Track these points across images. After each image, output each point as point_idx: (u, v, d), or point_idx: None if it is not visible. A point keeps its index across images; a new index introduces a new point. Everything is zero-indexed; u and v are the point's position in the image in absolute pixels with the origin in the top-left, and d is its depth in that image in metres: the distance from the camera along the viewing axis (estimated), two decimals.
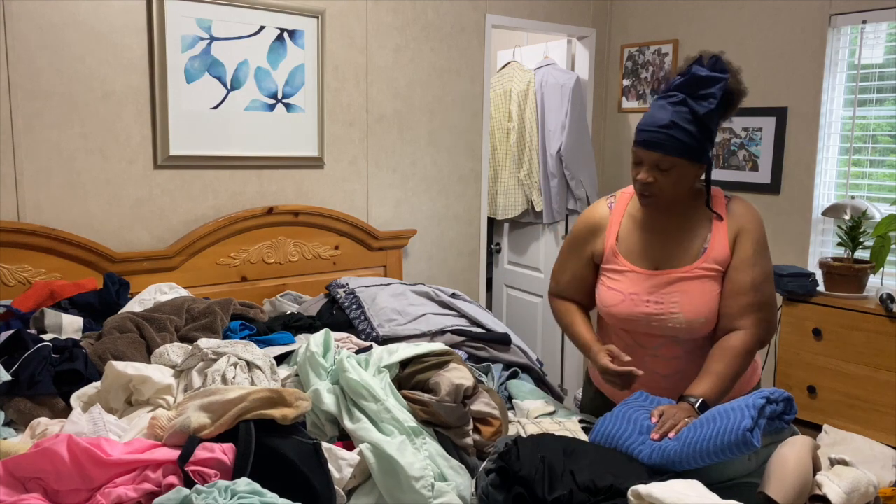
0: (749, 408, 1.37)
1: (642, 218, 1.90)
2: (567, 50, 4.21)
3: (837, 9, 3.23)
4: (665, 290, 1.82)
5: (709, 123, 1.74)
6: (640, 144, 1.77)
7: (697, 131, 1.73)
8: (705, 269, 1.81)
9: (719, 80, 1.73)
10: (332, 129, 3.22)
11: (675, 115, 1.72)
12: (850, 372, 2.90)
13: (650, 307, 1.82)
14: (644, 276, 1.85)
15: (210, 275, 2.90)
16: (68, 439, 1.31)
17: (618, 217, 1.94)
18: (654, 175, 1.77)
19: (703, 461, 1.38)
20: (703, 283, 1.80)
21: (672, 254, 1.85)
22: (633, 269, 1.87)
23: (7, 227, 2.47)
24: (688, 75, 1.75)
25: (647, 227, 1.89)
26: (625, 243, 1.90)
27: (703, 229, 1.84)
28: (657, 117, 1.75)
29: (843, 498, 1.33)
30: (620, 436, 1.53)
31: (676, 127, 1.72)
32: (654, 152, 1.75)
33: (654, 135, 1.74)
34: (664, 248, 1.86)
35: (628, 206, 1.95)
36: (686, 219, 1.87)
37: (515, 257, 4.55)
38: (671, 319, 1.80)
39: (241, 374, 1.78)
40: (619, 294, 1.87)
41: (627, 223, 1.92)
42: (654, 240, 1.88)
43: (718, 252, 1.81)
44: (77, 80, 2.59)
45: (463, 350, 2.37)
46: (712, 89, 1.73)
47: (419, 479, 1.48)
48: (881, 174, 3.25)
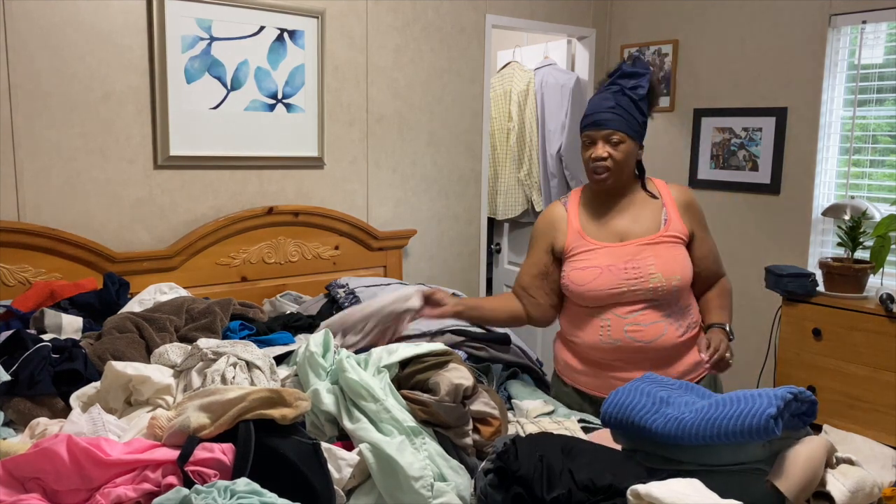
0: (776, 398, 1.37)
1: (597, 205, 2.16)
2: (567, 50, 4.21)
3: (837, 9, 3.23)
4: (639, 256, 2.05)
5: (642, 108, 2.08)
6: (592, 126, 2.06)
7: (636, 113, 2.06)
8: (670, 237, 2.08)
9: (644, 73, 2.10)
10: (332, 129, 3.22)
11: (616, 99, 2.05)
12: (850, 372, 2.90)
13: (629, 272, 2.03)
14: (615, 248, 2.08)
15: (210, 275, 2.90)
16: (68, 439, 1.31)
17: (574, 209, 2.19)
18: (608, 150, 2.04)
19: (719, 439, 1.37)
20: (670, 247, 2.07)
21: (633, 227, 2.10)
22: (603, 245, 2.09)
23: (7, 227, 2.47)
24: (619, 72, 2.10)
25: (603, 210, 2.15)
26: (587, 227, 2.14)
27: (654, 204, 2.13)
28: (602, 104, 2.06)
29: (847, 497, 1.33)
30: (633, 406, 1.51)
31: (620, 107, 2.04)
32: (604, 129, 2.04)
33: (603, 115, 2.05)
34: (625, 223, 2.11)
35: (580, 199, 2.21)
36: (633, 199, 2.15)
37: (515, 257, 4.55)
38: (651, 279, 2.02)
39: (241, 374, 1.78)
40: (596, 269, 2.06)
41: (584, 212, 2.18)
42: (613, 219, 2.13)
43: (676, 223, 2.10)
44: (77, 80, 2.60)
45: (462, 350, 2.37)
46: (641, 80, 2.08)
47: (419, 479, 1.48)
48: (881, 174, 3.25)
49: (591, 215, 2.15)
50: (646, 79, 2.08)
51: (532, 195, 4.11)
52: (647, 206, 2.13)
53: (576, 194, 2.23)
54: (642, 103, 2.07)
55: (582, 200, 2.20)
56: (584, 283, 2.06)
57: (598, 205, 2.16)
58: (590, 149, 2.08)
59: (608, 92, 2.08)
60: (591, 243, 2.10)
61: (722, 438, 1.37)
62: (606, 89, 2.09)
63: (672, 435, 1.42)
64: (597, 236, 2.11)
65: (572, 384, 2.22)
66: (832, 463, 1.42)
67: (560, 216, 2.19)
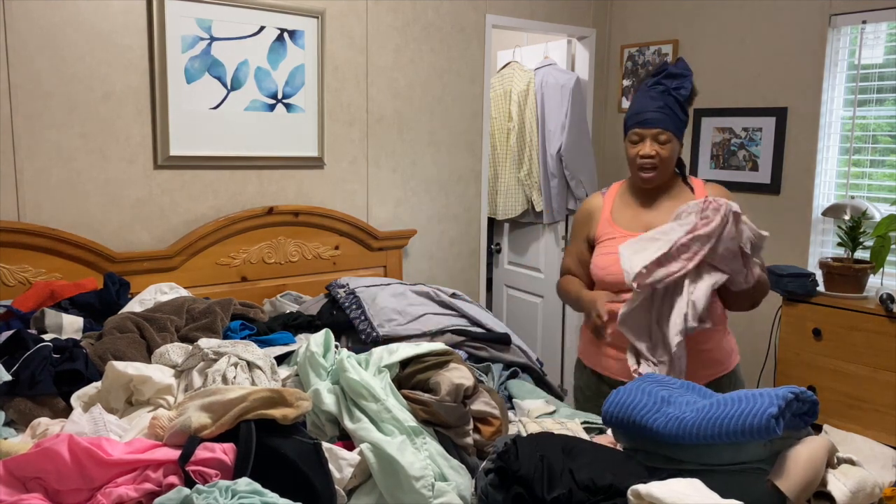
0: (777, 397, 1.37)
1: (633, 197, 2.23)
2: (567, 50, 4.22)
3: (837, 9, 3.23)
4: None
5: (685, 107, 2.14)
6: (641, 124, 2.12)
7: (680, 113, 2.13)
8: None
9: (688, 74, 2.16)
10: (332, 129, 3.22)
11: (663, 99, 2.11)
12: (850, 372, 2.91)
13: None
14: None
15: (210, 275, 2.90)
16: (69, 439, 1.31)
17: (610, 199, 2.26)
18: (655, 148, 2.10)
19: (720, 438, 1.37)
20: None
21: (660, 220, 2.11)
22: (628, 234, 2.13)
23: (7, 227, 2.47)
24: (664, 72, 2.15)
25: (637, 202, 2.21)
26: (618, 216, 2.21)
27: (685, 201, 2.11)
28: (650, 102, 2.12)
29: (848, 497, 1.33)
30: (635, 406, 1.51)
31: (667, 107, 2.11)
32: (653, 128, 2.10)
33: (653, 114, 2.10)
34: (653, 216, 2.16)
35: (619, 190, 2.28)
36: (669, 194, 2.19)
37: (515, 257, 4.55)
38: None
39: (242, 374, 1.78)
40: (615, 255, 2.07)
41: (619, 201, 2.25)
42: (646, 211, 2.19)
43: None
44: (77, 80, 2.60)
45: (463, 350, 2.37)
46: (684, 81, 2.14)
47: (419, 478, 1.48)
48: (881, 174, 3.25)
49: (624, 206, 2.23)
50: (689, 80, 2.15)
51: (532, 195, 4.11)
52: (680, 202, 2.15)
53: (616, 186, 2.31)
54: (685, 103, 2.14)
55: (620, 191, 2.28)
56: (605, 267, 2.14)
57: (634, 197, 2.23)
58: (637, 146, 2.14)
59: (654, 91, 2.13)
60: (617, 231, 2.17)
61: (723, 438, 1.37)
62: (651, 88, 2.14)
63: (673, 434, 1.42)
64: (625, 226, 2.18)
65: (591, 367, 2.26)
66: (833, 463, 1.42)
67: (597, 206, 2.28)
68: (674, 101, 2.11)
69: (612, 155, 4.27)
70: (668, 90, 2.12)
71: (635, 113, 2.15)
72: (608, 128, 4.28)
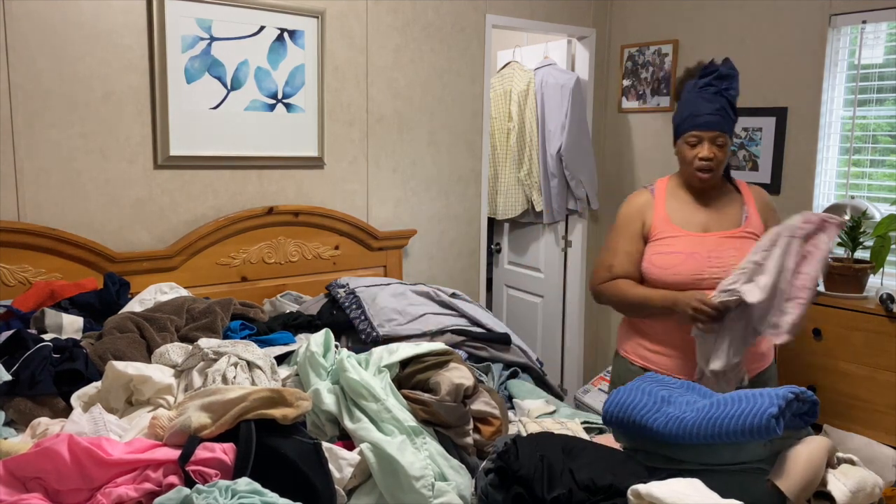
0: (777, 397, 1.38)
1: (683, 195, 2.28)
2: (567, 50, 4.22)
3: (837, 9, 3.23)
4: (721, 247, 2.16)
5: (735, 108, 2.20)
6: (702, 127, 2.16)
7: (732, 113, 2.19)
8: (749, 233, 2.19)
9: (737, 75, 2.21)
10: (332, 129, 3.22)
11: (718, 101, 2.15)
12: (850, 372, 2.90)
13: (711, 262, 2.14)
14: (698, 238, 2.19)
15: (210, 275, 2.90)
16: (69, 439, 1.31)
17: (661, 196, 2.30)
18: (714, 151, 2.16)
19: (720, 438, 1.37)
20: (749, 242, 2.16)
21: (717, 220, 2.22)
22: (688, 234, 2.19)
23: (7, 227, 2.47)
24: (714, 73, 2.18)
25: (688, 201, 2.27)
26: (673, 214, 2.25)
27: (737, 202, 2.26)
28: (707, 105, 2.16)
29: (848, 497, 1.33)
30: (635, 406, 1.52)
31: (723, 110, 2.15)
32: (713, 131, 2.15)
33: (711, 117, 2.15)
34: (710, 215, 2.23)
35: (668, 187, 2.32)
36: (718, 194, 2.27)
37: (515, 257, 4.55)
38: (731, 269, 2.08)
39: (242, 373, 1.79)
40: (680, 255, 2.17)
41: (671, 200, 2.28)
42: (700, 210, 2.24)
43: (755, 221, 2.23)
44: (77, 80, 2.60)
45: (463, 350, 2.37)
46: (734, 82, 2.20)
47: (419, 478, 1.48)
48: (881, 174, 3.25)
49: (677, 204, 2.26)
50: (737, 80, 2.21)
51: (532, 195, 4.11)
52: (730, 202, 2.26)
53: (662, 183, 2.34)
54: (735, 103, 2.20)
55: (670, 188, 2.31)
56: (669, 266, 2.17)
57: (684, 195, 2.28)
58: (695, 148, 2.18)
59: (708, 93, 2.16)
60: (675, 230, 2.21)
61: (723, 438, 1.37)
62: (704, 90, 2.17)
63: (673, 434, 1.43)
64: (682, 224, 2.22)
65: (643, 363, 2.27)
66: (833, 463, 1.42)
67: (647, 201, 2.30)
68: (726, 102, 2.16)
69: (613, 155, 4.26)
70: (720, 91, 2.16)
71: (692, 115, 2.17)
72: (608, 128, 4.28)
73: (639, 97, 4.08)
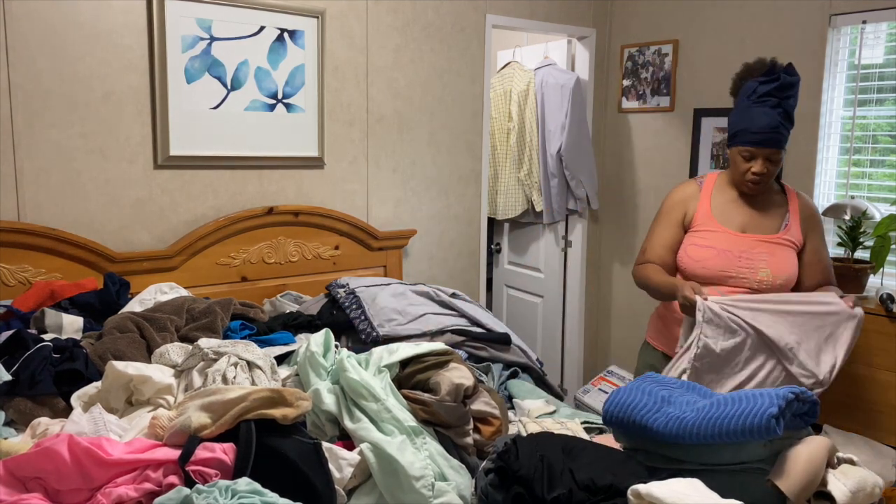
0: (778, 397, 1.38)
1: (730, 193, 2.33)
2: (567, 50, 4.22)
3: (837, 9, 3.23)
4: (754, 249, 2.22)
5: (793, 118, 2.22)
6: (758, 144, 2.18)
7: (790, 126, 2.21)
8: (786, 240, 2.26)
9: (798, 80, 2.22)
10: (332, 129, 3.22)
11: (777, 116, 2.16)
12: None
13: (741, 262, 2.21)
14: (734, 237, 2.25)
15: (210, 275, 2.90)
16: (69, 439, 1.31)
17: (708, 190, 2.35)
18: (767, 166, 2.20)
19: (720, 438, 1.38)
20: (784, 249, 2.24)
21: (757, 223, 2.28)
22: (726, 231, 2.26)
23: (7, 227, 2.47)
24: (777, 83, 2.17)
25: (734, 199, 2.32)
26: (716, 210, 2.31)
27: (781, 208, 2.31)
28: (764, 121, 2.16)
29: (848, 497, 1.33)
30: (635, 405, 1.52)
31: (781, 126, 2.17)
32: (769, 149, 2.19)
33: (769, 135, 2.17)
34: (751, 217, 2.29)
35: (717, 182, 2.37)
36: (764, 197, 2.31)
37: (515, 257, 4.55)
38: (759, 272, 2.19)
39: (242, 373, 1.79)
40: (712, 250, 2.24)
41: (717, 195, 2.34)
42: (742, 210, 2.30)
43: (794, 230, 2.28)
44: (77, 80, 2.60)
45: (463, 350, 2.37)
46: (795, 90, 2.21)
47: (419, 478, 1.48)
48: (881, 174, 3.25)
49: (721, 200, 2.32)
50: (798, 87, 2.21)
51: (532, 195, 4.11)
52: (773, 208, 2.31)
53: (712, 177, 2.39)
54: (793, 113, 2.21)
55: (718, 184, 2.36)
56: (700, 259, 2.25)
57: (730, 193, 2.33)
58: (749, 163, 2.22)
59: (767, 106, 2.16)
60: (715, 225, 2.28)
61: (723, 438, 1.37)
62: (764, 101, 2.17)
63: (673, 434, 1.43)
64: (722, 221, 2.28)
65: (663, 350, 2.39)
66: (833, 463, 1.42)
67: (693, 193, 2.37)
68: (785, 114, 2.17)
69: (613, 155, 4.27)
70: (780, 102, 2.16)
71: (748, 130, 2.18)
72: (608, 128, 4.28)
73: (639, 97, 4.08)
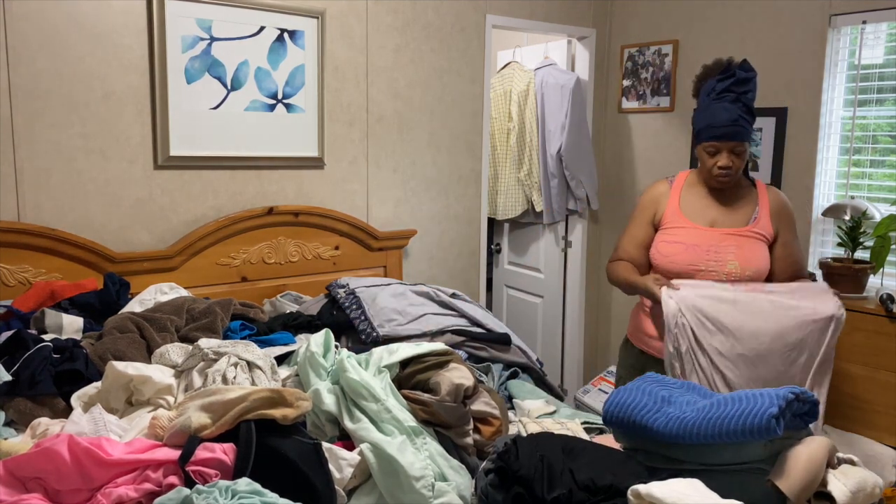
0: (778, 398, 1.38)
1: (699, 190, 2.37)
2: (567, 50, 4.22)
3: (837, 9, 3.23)
4: (722, 243, 2.26)
5: (753, 111, 2.26)
6: (720, 138, 2.23)
7: (751, 118, 2.25)
8: (755, 233, 2.28)
9: (755, 75, 2.26)
10: (332, 129, 3.22)
11: (736, 110, 2.21)
12: (850, 372, 2.90)
13: (709, 255, 2.25)
14: (702, 231, 2.28)
15: (210, 275, 2.90)
16: (69, 439, 1.31)
17: (678, 188, 2.40)
18: (732, 159, 2.24)
19: (721, 438, 1.38)
20: (753, 241, 2.27)
21: (726, 217, 2.31)
22: (694, 226, 2.30)
23: (7, 227, 2.47)
24: (733, 78, 2.23)
25: (703, 195, 2.36)
26: (685, 207, 2.35)
27: (750, 202, 2.33)
28: (725, 115, 2.21)
29: (849, 497, 1.33)
30: (635, 406, 1.52)
31: (741, 118, 2.21)
32: (731, 141, 2.22)
33: (730, 129, 2.21)
34: (719, 212, 2.32)
35: (686, 180, 2.41)
36: (733, 193, 2.34)
37: (515, 257, 4.55)
38: (728, 265, 2.23)
39: (242, 374, 1.79)
40: (681, 245, 2.28)
41: (687, 192, 2.38)
42: (711, 206, 2.34)
43: (764, 223, 2.30)
44: (77, 80, 2.60)
45: (463, 350, 2.37)
46: (751, 84, 2.25)
47: (419, 478, 1.48)
48: (881, 174, 3.25)
49: (691, 197, 2.37)
50: (755, 82, 2.26)
51: (532, 195, 4.11)
52: (743, 202, 2.34)
53: (683, 175, 2.44)
54: (752, 107, 2.26)
55: (688, 182, 2.41)
56: (668, 254, 2.29)
57: (700, 189, 2.38)
58: (714, 157, 2.26)
59: (727, 101, 2.23)
60: (683, 221, 2.32)
61: (723, 438, 1.37)
62: (722, 97, 2.23)
63: (674, 434, 1.42)
64: (691, 217, 2.32)
65: (640, 347, 2.42)
66: (833, 463, 1.42)
67: (664, 192, 2.41)
68: (744, 107, 2.22)
69: (613, 155, 4.27)
70: (738, 97, 2.22)
71: (710, 126, 2.24)
72: (608, 128, 4.28)
73: (639, 97, 4.08)
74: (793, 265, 2.32)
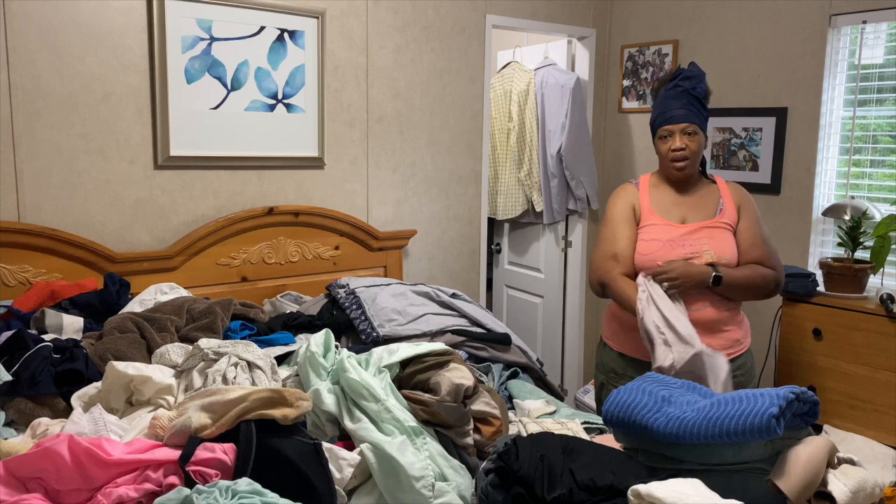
0: (778, 398, 1.37)
1: (664, 189, 2.46)
2: (567, 50, 4.22)
3: (837, 9, 3.23)
4: (695, 235, 2.35)
5: (704, 104, 2.39)
6: (670, 121, 2.36)
7: (701, 108, 2.38)
8: (723, 223, 2.39)
9: (702, 75, 2.42)
10: (333, 129, 3.22)
11: (682, 97, 2.36)
12: (850, 372, 2.91)
13: (685, 248, 2.33)
14: (676, 227, 2.38)
15: (210, 275, 2.90)
16: (69, 439, 1.31)
17: (645, 189, 2.48)
18: (685, 141, 2.35)
19: (721, 438, 1.37)
20: (723, 231, 2.37)
21: (695, 212, 2.41)
22: (667, 223, 2.38)
23: (7, 227, 2.47)
24: (680, 75, 2.40)
25: (669, 194, 2.45)
26: (656, 206, 2.43)
27: (713, 196, 2.44)
28: (673, 102, 2.37)
29: (849, 497, 1.33)
30: (636, 406, 1.52)
31: (689, 104, 2.35)
32: (681, 123, 2.34)
33: (678, 111, 2.35)
34: (688, 208, 2.42)
35: (651, 182, 2.50)
36: (696, 187, 2.46)
37: (515, 257, 4.55)
38: (705, 255, 2.32)
39: (242, 374, 1.79)
40: (658, 242, 2.35)
41: (654, 192, 2.47)
42: (679, 202, 2.43)
43: (730, 212, 2.41)
44: (77, 80, 2.60)
45: (463, 350, 2.37)
46: (698, 81, 2.38)
47: (420, 479, 1.48)
48: (881, 174, 3.25)
49: (659, 198, 2.45)
50: (703, 80, 2.40)
51: (532, 195, 4.11)
52: (707, 196, 2.44)
53: (645, 178, 2.53)
54: (703, 100, 2.39)
55: (653, 182, 2.50)
56: (647, 252, 2.35)
57: (665, 189, 2.47)
58: (668, 142, 2.38)
59: (674, 91, 2.38)
60: (657, 219, 2.40)
61: (724, 437, 1.37)
62: (671, 91, 2.39)
63: (674, 434, 1.42)
64: (662, 215, 2.41)
65: (619, 349, 2.47)
66: (833, 463, 1.42)
67: (633, 193, 2.48)
68: (693, 98, 2.36)
69: (613, 155, 4.27)
70: (686, 90, 2.35)
71: (661, 113, 2.39)
72: (608, 128, 4.28)
73: (639, 97, 4.08)
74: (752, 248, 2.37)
